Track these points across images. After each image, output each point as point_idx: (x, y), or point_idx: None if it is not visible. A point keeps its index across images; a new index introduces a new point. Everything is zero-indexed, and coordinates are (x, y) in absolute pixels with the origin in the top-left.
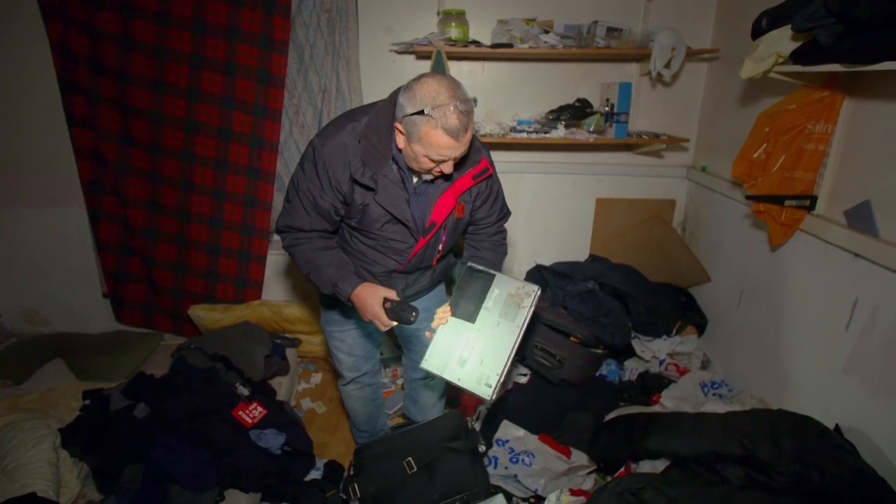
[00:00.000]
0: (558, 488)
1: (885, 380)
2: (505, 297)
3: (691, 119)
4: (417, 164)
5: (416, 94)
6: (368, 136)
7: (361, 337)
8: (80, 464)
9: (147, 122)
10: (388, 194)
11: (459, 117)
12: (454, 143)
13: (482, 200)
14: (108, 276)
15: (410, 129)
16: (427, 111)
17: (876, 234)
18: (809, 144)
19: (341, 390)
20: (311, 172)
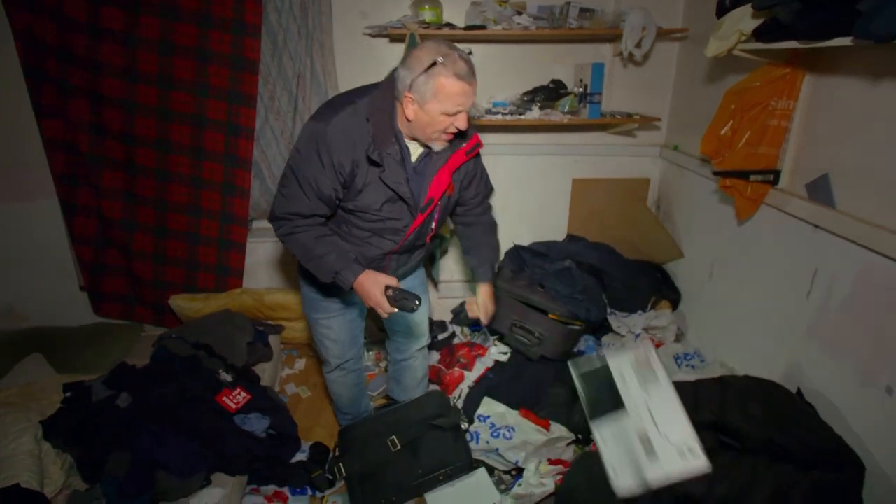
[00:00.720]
0: (538, 458)
1: (842, 344)
2: (632, 370)
3: (663, 98)
4: (433, 126)
5: (421, 56)
6: (376, 114)
7: (346, 323)
8: (63, 455)
9: (120, 111)
10: (393, 172)
11: (467, 63)
12: (467, 87)
13: (469, 179)
14: (84, 269)
15: (423, 88)
16: (439, 60)
17: (833, 205)
18: (773, 120)
19: (326, 377)
20: (312, 155)
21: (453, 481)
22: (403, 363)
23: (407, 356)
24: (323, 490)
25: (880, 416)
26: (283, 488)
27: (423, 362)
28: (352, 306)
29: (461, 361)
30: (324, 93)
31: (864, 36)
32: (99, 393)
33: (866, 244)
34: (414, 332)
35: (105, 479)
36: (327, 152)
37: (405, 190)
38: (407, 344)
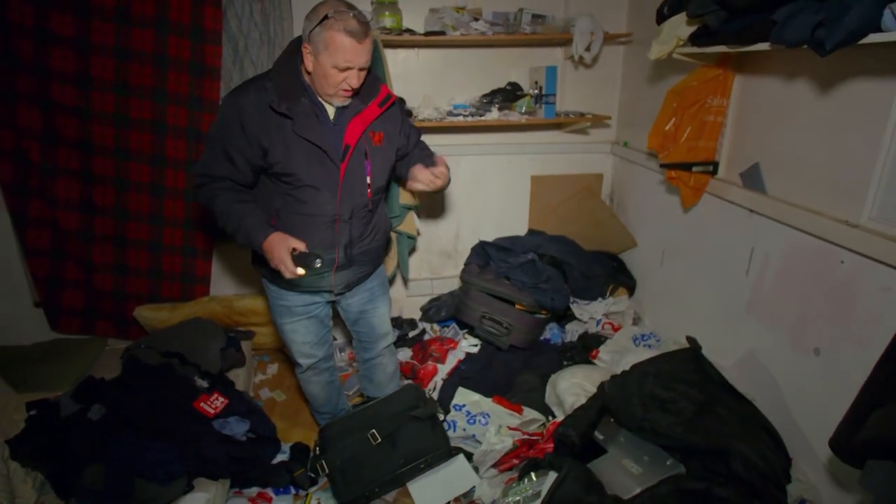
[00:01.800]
0: (499, 424)
1: (775, 314)
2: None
3: (612, 98)
4: (326, 81)
5: (318, 9)
6: (280, 72)
7: (313, 325)
8: (34, 473)
9: (74, 118)
10: (305, 123)
11: (359, 22)
12: (356, 44)
13: (407, 129)
14: (38, 284)
15: (316, 40)
16: (330, 14)
17: (764, 191)
18: (710, 116)
19: (299, 377)
20: (224, 120)
21: (434, 469)
22: (372, 361)
23: (374, 355)
24: (306, 488)
25: (808, 375)
26: (266, 489)
27: (391, 358)
28: (315, 308)
29: (434, 356)
30: None
31: (779, 41)
32: (68, 408)
33: (793, 224)
34: (376, 330)
35: (80, 492)
36: (237, 115)
37: (320, 137)
38: (371, 344)
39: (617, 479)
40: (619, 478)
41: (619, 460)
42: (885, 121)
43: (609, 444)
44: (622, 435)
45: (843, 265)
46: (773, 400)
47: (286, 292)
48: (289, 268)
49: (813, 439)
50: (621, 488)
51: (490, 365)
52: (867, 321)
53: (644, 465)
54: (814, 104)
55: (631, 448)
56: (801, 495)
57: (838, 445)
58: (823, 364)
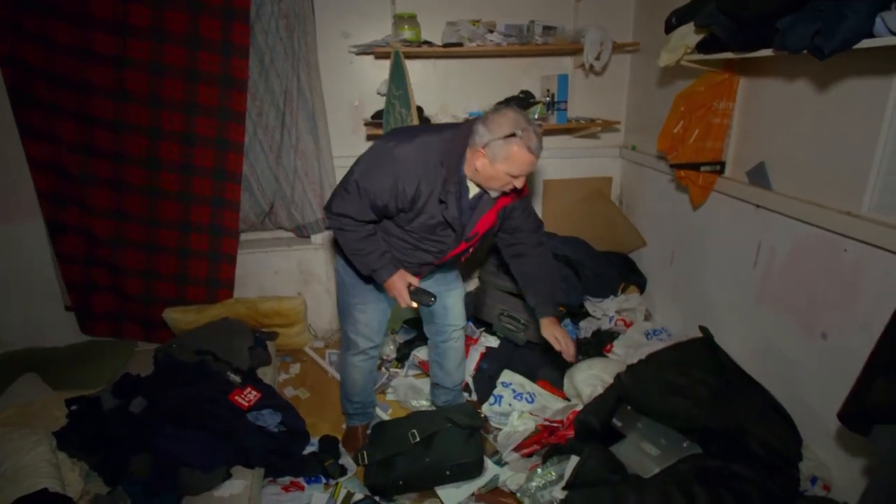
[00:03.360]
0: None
1: (784, 303)
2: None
3: (621, 104)
4: (497, 181)
5: (503, 122)
6: (449, 158)
7: (379, 311)
8: (79, 463)
9: (109, 131)
10: (451, 208)
11: (538, 138)
12: (534, 159)
13: (512, 208)
14: (70, 289)
15: (497, 150)
16: (518, 133)
17: (770, 187)
18: (716, 119)
19: (347, 360)
20: (378, 175)
21: (462, 481)
22: (443, 345)
23: (446, 338)
24: (336, 477)
25: (817, 359)
26: (298, 478)
27: (461, 343)
28: (383, 296)
29: None
30: (310, 108)
31: (781, 48)
32: (109, 402)
33: (798, 217)
34: (450, 311)
35: (127, 480)
36: (392, 175)
37: (458, 224)
38: (444, 326)
39: (636, 460)
40: (638, 459)
41: (637, 444)
42: (881, 117)
43: (627, 429)
44: (640, 421)
45: (846, 253)
46: (783, 384)
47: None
48: (406, 301)
49: (822, 419)
50: (641, 469)
51: (510, 362)
52: (870, 304)
53: (662, 448)
54: (814, 104)
55: (648, 433)
56: (813, 473)
57: (846, 415)
58: (830, 347)
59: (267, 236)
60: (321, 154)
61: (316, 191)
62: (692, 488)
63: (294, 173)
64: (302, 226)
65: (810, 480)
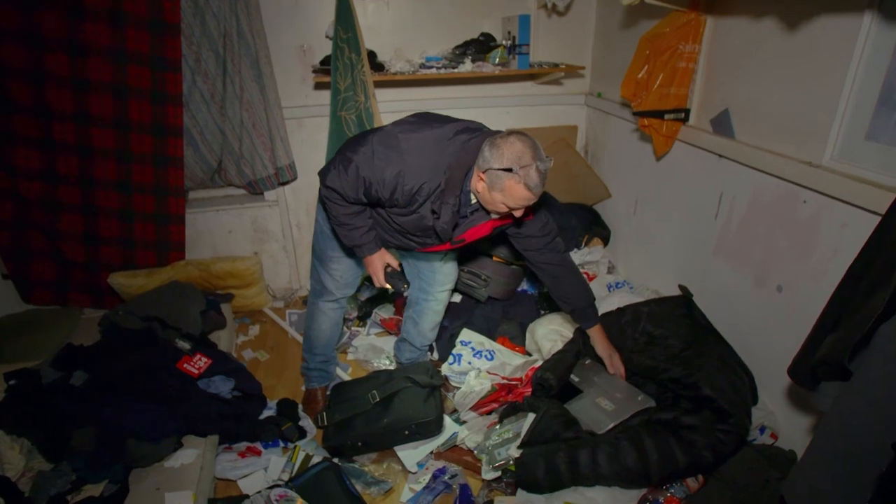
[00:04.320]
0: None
1: (741, 255)
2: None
3: (586, 48)
4: (493, 206)
5: (505, 153)
6: (453, 171)
7: (355, 264)
8: (20, 440)
9: (26, 82)
10: (445, 219)
11: (540, 176)
12: (532, 196)
13: (533, 230)
14: (5, 256)
15: (494, 180)
16: (515, 170)
17: (733, 136)
18: (681, 63)
19: (317, 306)
20: (375, 161)
21: (422, 440)
22: (424, 303)
23: (428, 296)
24: (294, 441)
25: (771, 311)
26: (255, 443)
27: (442, 307)
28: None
29: None
30: (253, 53)
31: None
32: (49, 375)
33: (758, 167)
34: (437, 272)
35: (70, 455)
36: (396, 168)
37: (447, 232)
38: (430, 286)
39: (592, 416)
40: (594, 415)
41: (593, 399)
42: (849, 61)
43: (584, 385)
44: (596, 375)
45: (805, 205)
46: (738, 336)
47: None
48: (380, 281)
49: (773, 371)
50: (596, 424)
51: (471, 319)
52: (826, 257)
53: (617, 402)
54: (781, 46)
55: (605, 387)
56: (762, 422)
57: (795, 370)
58: (785, 300)
59: (218, 194)
60: (269, 105)
61: (266, 144)
62: (643, 440)
63: (241, 126)
64: (254, 182)
65: (759, 429)
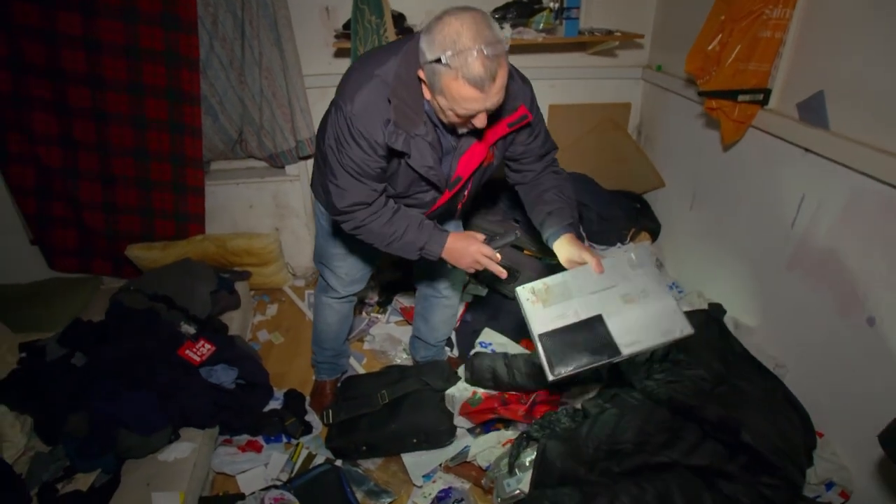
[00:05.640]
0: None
1: (824, 274)
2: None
3: (647, 13)
4: (446, 118)
5: (436, 38)
6: (398, 92)
7: (363, 261)
8: (23, 417)
9: (40, 43)
10: (422, 156)
11: (484, 63)
12: (479, 94)
13: (521, 138)
14: (30, 222)
15: (432, 78)
16: (445, 59)
17: (826, 126)
18: (766, 32)
19: (323, 302)
20: (351, 143)
21: (430, 450)
22: (433, 299)
23: (437, 292)
24: (297, 437)
25: (856, 347)
26: (256, 437)
27: (454, 300)
28: (371, 247)
29: None
30: (272, 15)
31: None
32: (53, 352)
33: (859, 168)
34: (444, 266)
35: (65, 439)
36: (362, 137)
37: (435, 174)
38: (437, 281)
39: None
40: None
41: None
42: None
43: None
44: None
45: None
46: (806, 369)
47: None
48: (497, 260)
49: (850, 417)
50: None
51: (497, 315)
52: None
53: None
54: None
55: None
56: (830, 477)
57: (890, 440)
58: (876, 336)
59: (240, 165)
60: (288, 72)
61: (286, 114)
62: (670, 490)
63: (261, 94)
64: (275, 154)
65: (825, 486)
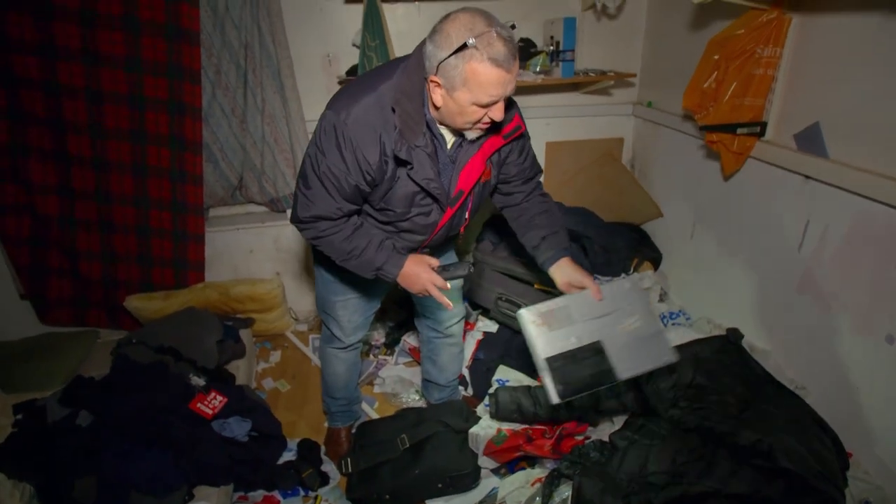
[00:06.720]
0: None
1: (836, 296)
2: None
3: (634, 52)
4: (463, 117)
5: (451, 32)
6: (402, 103)
7: (364, 303)
8: (23, 485)
9: (39, 92)
10: (423, 168)
11: (505, 43)
12: (505, 74)
13: (509, 156)
14: (22, 275)
15: (451, 74)
16: (470, 42)
17: (825, 155)
18: (758, 69)
19: (329, 353)
20: (334, 153)
21: (455, 494)
22: (437, 341)
23: (440, 333)
24: (315, 489)
25: (878, 364)
26: (272, 492)
27: (457, 339)
28: (371, 286)
29: None
30: (275, 64)
31: None
32: (55, 412)
33: (862, 192)
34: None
35: None
36: (350, 148)
37: (436, 185)
38: (438, 322)
39: None
40: None
41: None
42: None
43: None
44: None
45: None
46: (829, 389)
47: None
48: (440, 285)
49: (880, 435)
50: None
51: (509, 351)
52: None
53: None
54: (891, 46)
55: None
56: (866, 497)
57: None
58: None
59: (239, 211)
60: (291, 117)
61: (288, 159)
62: None
63: (262, 140)
64: (276, 199)
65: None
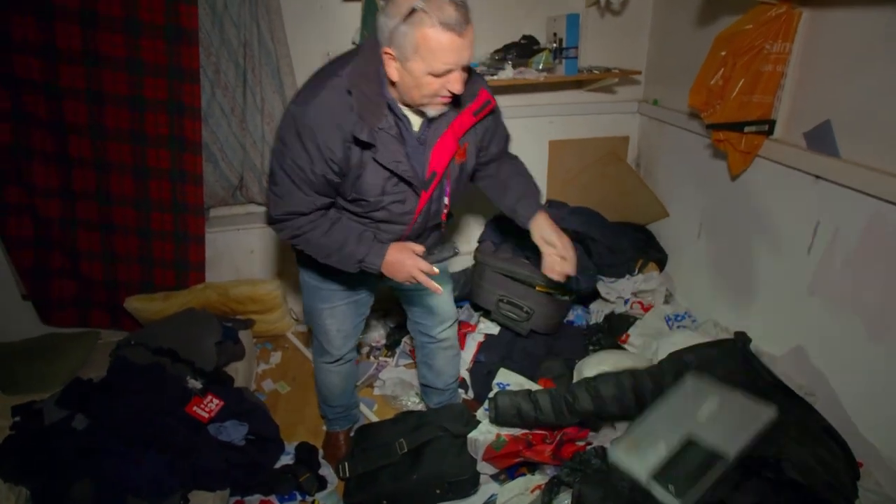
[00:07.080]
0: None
1: (848, 299)
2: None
3: (640, 50)
4: (420, 90)
5: (399, 0)
6: (359, 84)
7: (352, 311)
8: (18, 489)
9: (41, 95)
10: (388, 150)
11: (457, 7)
12: (458, 39)
13: (489, 138)
14: (24, 276)
15: (402, 42)
16: (419, 6)
17: (837, 154)
18: (767, 66)
19: (322, 367)
20: (296, 145)
21: (456, 500)
22: (430, 345)
23: (433, 339)
24: (313, 494)
25: (893, 371)
26: (269, 496)
27: (452, 342)
28: (358, 291)
29: None
30: (274, 62)
31: None
32: (52, 415)
33: (875, 193)
34: (436, 311)
35: None
36: (311, 139)
37: (405, 168)
38: (431, 328)
39: None
40: None
41: None
42: None
43: None
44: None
45: None
46: (838, 397)
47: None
48: (426, 269)
49: (892, 444)
50: None
51: (510, 354)
52: None
53: None
54: None
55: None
56: None
57: None
58: None
59: (239, 211)
60: None
61: None
62: None
63: (262, 140)
64: None
65: None
